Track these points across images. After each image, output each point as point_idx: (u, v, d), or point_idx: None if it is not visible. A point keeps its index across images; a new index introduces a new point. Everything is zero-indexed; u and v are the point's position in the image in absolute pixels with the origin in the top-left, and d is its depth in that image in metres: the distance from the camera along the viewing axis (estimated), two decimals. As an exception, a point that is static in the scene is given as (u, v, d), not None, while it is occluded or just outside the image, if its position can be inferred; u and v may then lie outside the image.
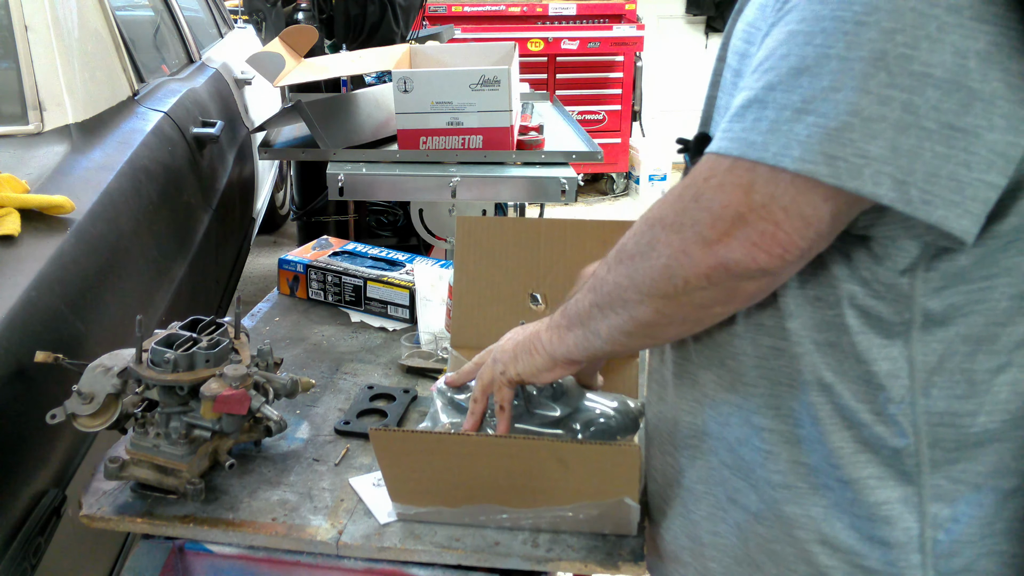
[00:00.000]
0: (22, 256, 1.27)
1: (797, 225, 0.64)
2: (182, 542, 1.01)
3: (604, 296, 0.78)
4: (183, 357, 1.00)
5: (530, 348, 0.90)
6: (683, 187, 0.70)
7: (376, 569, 0.99)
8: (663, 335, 0.80)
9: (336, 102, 2.46)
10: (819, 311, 0.73)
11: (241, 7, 3.68)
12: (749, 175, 0.65)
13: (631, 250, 0.74)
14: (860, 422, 0.73)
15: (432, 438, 0.95)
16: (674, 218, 0.69)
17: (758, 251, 0.65)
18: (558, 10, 5.03)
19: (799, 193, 0.64)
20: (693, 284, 0.69)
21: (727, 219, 0.66)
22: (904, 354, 0.70)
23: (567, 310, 0.86)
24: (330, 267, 1.58)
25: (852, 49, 0.61)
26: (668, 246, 0.69)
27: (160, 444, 1.01)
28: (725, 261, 0.67)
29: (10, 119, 1.65)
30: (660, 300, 0.72)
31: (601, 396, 1.05)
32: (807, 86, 0.62)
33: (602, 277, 0.78)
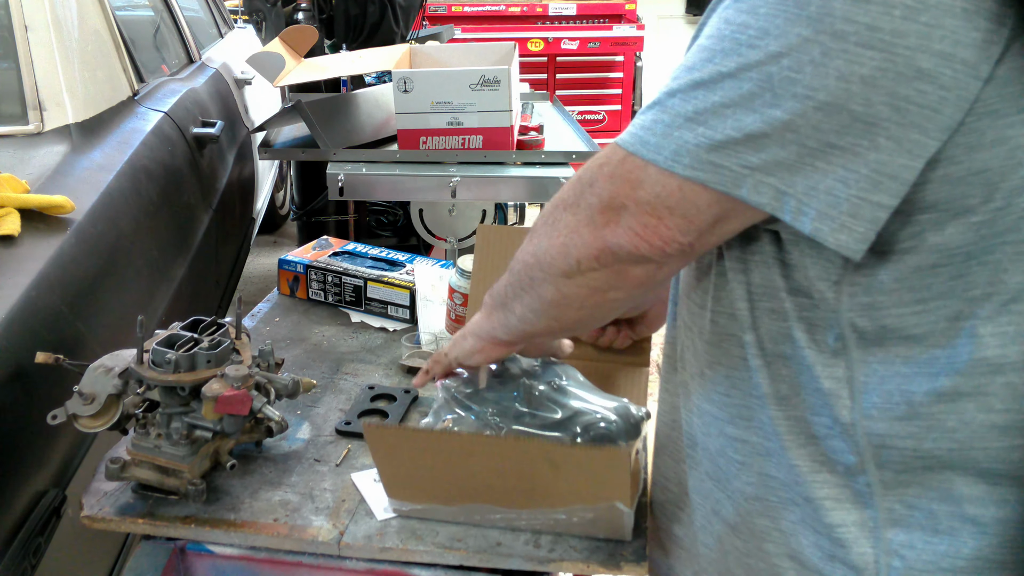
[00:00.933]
0: (22, 256, 1.27)
1: (679, 222, 0.69)
2: (183, 543, 1.01)
3: (516, 275, 0.83)
4: (184, 358, 1.00)
5: (464, 332, 0.95)
6: (583, 170, 0.75)
7: (378, 570, 0.99)
8: (566, 317, 0.82)
9: (336, 102, 2.46)
10: (773, 323, 0.75)
11: (241, 7, 3.68)
12: (639, 172, 0.69)
13: (538, 229, 0.79)
14: (815, 435, 0.74)
15: (424, 435, 0.96)
16: (572, 199, 0.74)
17: (639, 240, 0.70)
18: (558, 10, 5.03)
19: (684, 197, 0.68)
20: (585, 265, 0.74)
21: (614, 208, 0.71)
22: (846, 374, 0.71)
23: (493, 291, 0.90)
24: (330, 267, 1.57)
25: (742, 70, 0.64)
26: (565, 225, 0.75)
27: (161, 445, 1.01)
28: (610, 244, 0.72)
29: (10, 119, 1.65)
30: (560, 279, 0.77)
31: (604, 399, 1.05)
32: (701, 99, 0.66)
33: (517, 257, 0.83)
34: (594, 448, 0.91)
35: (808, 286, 0.71)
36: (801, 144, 0.63)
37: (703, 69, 0.67)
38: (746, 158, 0.65)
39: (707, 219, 0.68)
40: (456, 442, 0.93)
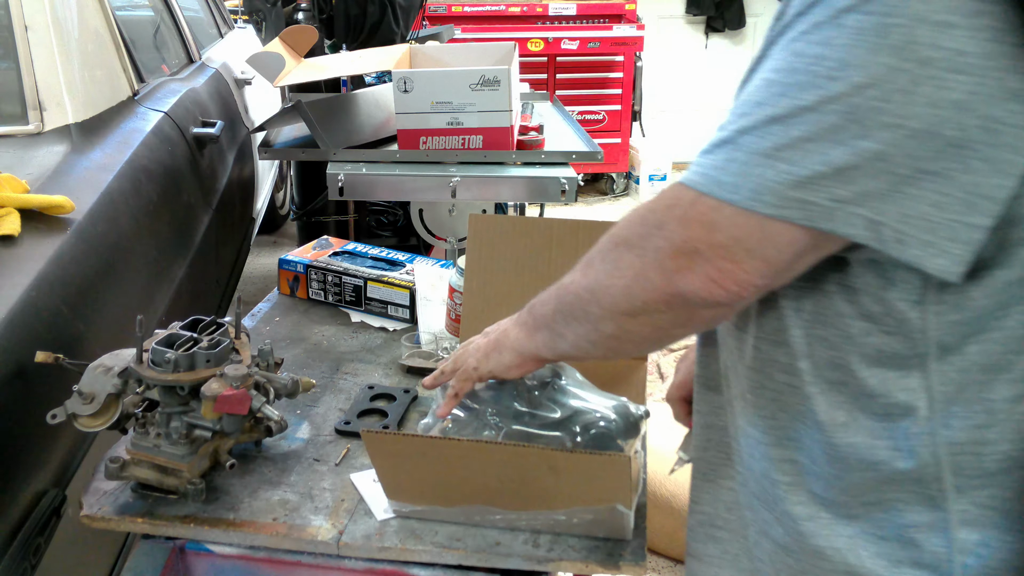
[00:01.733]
0: (22, 256, 1.27)
1: (757, 265, 0.67)
2: (183, 542, 1.01)
3: (567, 305, 0.81)
4: (184, 357, 1.00)
5: (499, 345, 0.93)
6: (648, 210, 0.72)
7: (377, 569, 0.99)
8: (626, 350, 0.81)
9: (336, 102, 2.46)
10: (828, 350, 0.73)
11: (241, 7, 3.68)
12: (714, 214, 0.66)
13: (597, 266, 0.77)
14: (878, 459, 0.73)
15: (423, 442, 0.95)
16: (637, 241, 0.72)
17: (715, 286, 0.68)
18: (558, 10, 5.02)
19: (765, 237, 0.66)
20: (652, 307, 0.72)
21: (686, 253, 0.68)
22: (922, 384, 0.70)
23: (533, 310, 0.88)
24: (330, 267, 1.58)
25: (823, 103, 0.63)
26: (630, 268, 0.72)
27: (161, 444, 1.01)
28: (682, 291, 0.69)
29: (10, 119, 1.65)
30: (622, 317, 0.75)
31: (603, 398, 1.05)
32: (779, 134, 0.64)
33: (566, 285, 0.81)
34: (595, 454, 0.91)
35: (883, 310, 0.70)
36: (892, 173, 0.62)
37: (777, 104, 0.65)
38: (835, 191, 0.63)
39: (787, 258, 0.67)
40: (455, 448, 0.93)
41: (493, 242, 1.23)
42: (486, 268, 1.23)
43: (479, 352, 0.96)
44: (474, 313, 1.24)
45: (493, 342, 0.94)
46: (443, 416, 1.01)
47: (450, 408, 1.00)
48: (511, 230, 1.24)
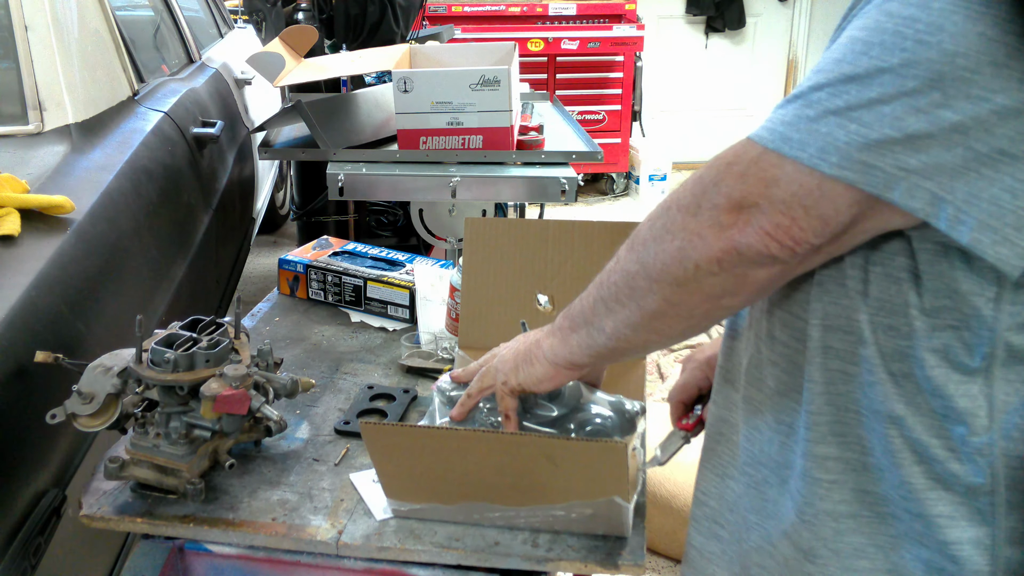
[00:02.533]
0: (22, 256, 1.27)
1: (814, 224, 0.65)
2: (182, 542, 1.01)
3: (610, 288, 0.78)
4: (183, 357, 1.00)
5: (530, 357, 0.90)
6: (705, 170, 0.70)
7: (376, 569, 0.99)
8: (670, 329, 0.77)
9: (336, 102, 2.46)
10: (892, 340, 0.70)
11: (241, 7, 3.68)
12: (775, 170, 0.65)
13: (644, 236, 0.74)
14: (932, 457, 0.70)
15: (421, 432, 0.96)
16: (691, 200, 0.70)
17: (770, 240, 0.66)
18: (558, 10, 5.02)
19: (824, 196, 0.64)
20: (704, 269, 0.69)
21: (744, 207, 0.66)
22: (984, 391, 0.68)
23: (570, 312, 0.85)
24: (330, 267, 1.58)
25: (906, 66, 0.60)
26: (683, 228, 0.70)
27: (160, 444, 1.01)
28: (737, 245, 0.67)
29: (10, 119, 1.65)
30: (670, 287, 0.72)
31: (599, 395, 1.05)
32: (854, 94, 0.62)
33: (609, 270, 0.78)
34: (591, 441, 0.91)
35: (954, 303, 0.67)
36: (969, 148, 0.60)
37: (857, 62, 0.62)
38: (903, 159, 0.61)
39: (844, 220, 0.65)
40: (453, 439, 0.93)
41: (489, 245, 1.24)
42: (483, 271, 1.24)
43: (507, 365, 0.93)
44: (472, 315, 1.24)
45: (523, 354, 0.91)
46: (457, 419, 0.99)
47: (465, 412, 0.98)
48: (507, 232, 1.24)
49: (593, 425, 1.00)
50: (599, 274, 0.80)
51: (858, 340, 0.72)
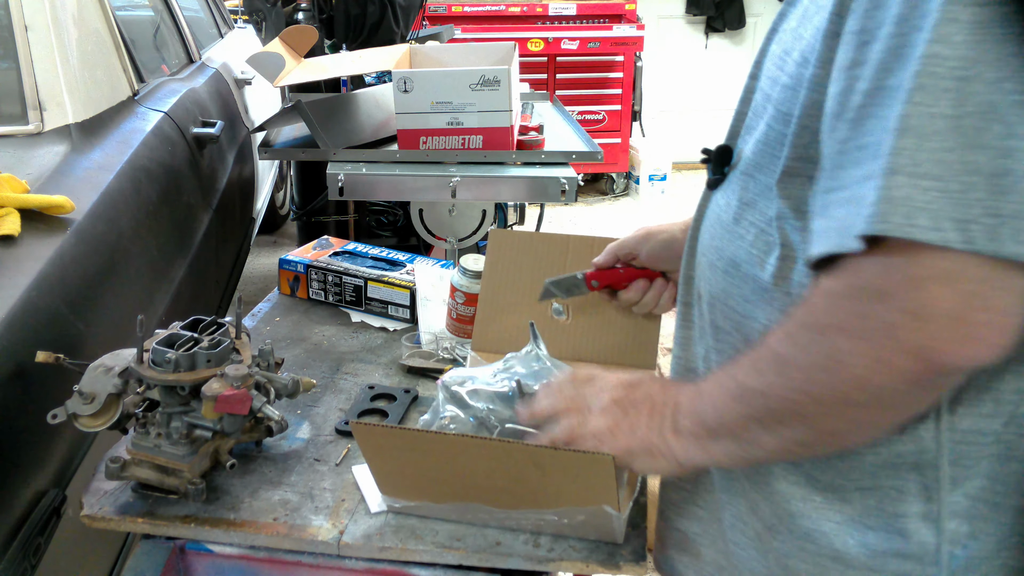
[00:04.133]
0: (22, 256, 1.27)
1: (1012, 299, 0.59)
2: (183, 542, 1.01)
3: (764, 410, 0.71)
4: (184, 357, 1.00)
5: (651, 450, 0.81)
6: (851, 286, 0.63)
7: (377, 569, 0.99)
8: (851, 442, 0.73)
9: (336, 102, 2.46)
10: None
11: (241, 7, 3.68)
12: (942, 263, 0.58)
13: (799, 362, 0.67)
14: (880, 439, 0.71)
15: (411, 435, 0.96)
16: (854, 323, 0.63)
17: (976, 346, 0.59)
18: (558, 10, 5.02)
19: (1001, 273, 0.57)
20: (893, 390, 0.63)
21: (937, 320, 0.59)
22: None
23: (702, 418, 0.77)
24: (331, 267, 1.58)
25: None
26: (861, 356, 0.63)
27: (161, 444, 1.01)
28: (935, 365, 0.60)
29: (10, 119, 1.65)
30: (852, 409, 0.67)
31: None
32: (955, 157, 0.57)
33: (751, 387, 0.72)
34: (579, 452, 0.90)
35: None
36: None
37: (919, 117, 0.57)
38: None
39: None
40: (443, 443, 0.93)
41: (510, 255, 1.27)
42: (502, 278, 1.27)
43: (602, 432, 0.84)
44: (488, 319, 1.26)
45: (640, 442, 0.82)
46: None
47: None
48: (528, 244, 1.28)
49: None
50: (728, 381, 0.75)
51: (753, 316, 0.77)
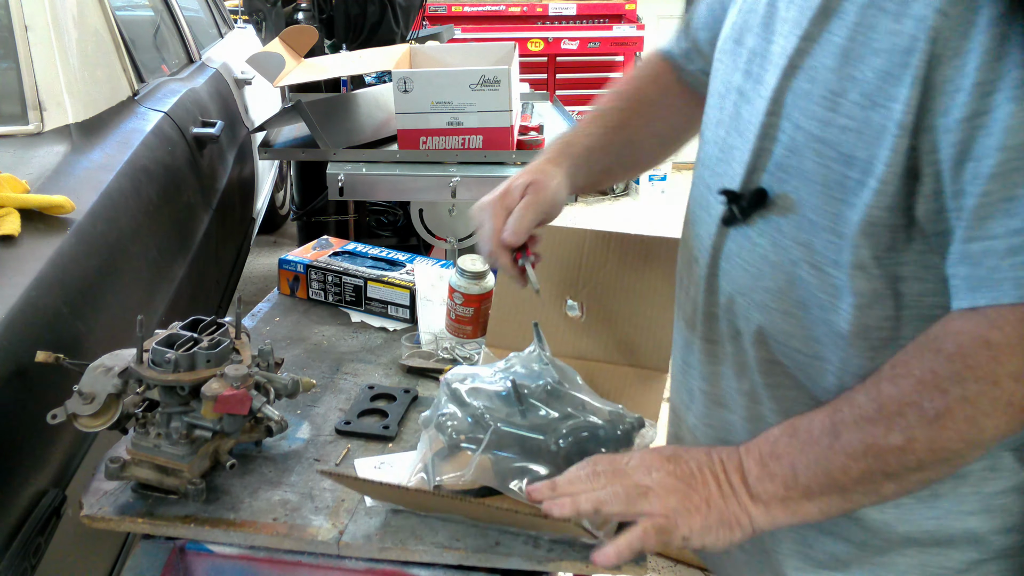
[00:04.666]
0: (22, 256, 1.27)
1: None
2: (183, 542, 1.01)
3: (901, 465, 0.71)
4: (184, 357, 1.00)
5: (728, 523, 0.78)
6: (976, 341, 0.67)
7: (377, 569, 0.99)
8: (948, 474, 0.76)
9: (336, 102, 2.46)
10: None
11: (241, 7, 3.68)
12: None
13: (960, 414, 0.68)
14: None
15: (387, 490, 0.97)
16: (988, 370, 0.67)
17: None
18: (558, 10, 5.02)
19: None
20: (1001, 437, 0.69)
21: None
22: None
23: (791, 479, 0.75)
24: (330, 267, 1.58)
25: None
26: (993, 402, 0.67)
27: (161, 444, 1.01)
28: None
29: (10, 119, 1.65)
30: (960, 458, 0.71)
31: (599, 404, 1.04)
32: None
33: (887, 445, 0.71)
34: (566, 523, 0.88)
35: None
36: None
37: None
38: None
39: None
40: (421, 499, 0.95)
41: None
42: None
43: (691, 521, 0.78)
44: (502, 316, 1.26)
45: (717, 516, 0.78)
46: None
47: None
48: (545, 239, 1.25)
49: (579, 436, 0.99)
50: (814, 434, 0.75)
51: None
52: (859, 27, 0.71)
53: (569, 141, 1.07)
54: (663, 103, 1.09)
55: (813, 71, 0.75)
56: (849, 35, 0.71)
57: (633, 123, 1.08)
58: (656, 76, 1.10)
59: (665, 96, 1.10)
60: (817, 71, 0.74)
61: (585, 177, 1.06)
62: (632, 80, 1.11)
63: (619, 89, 1.11)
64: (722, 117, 0.88)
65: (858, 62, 0.71)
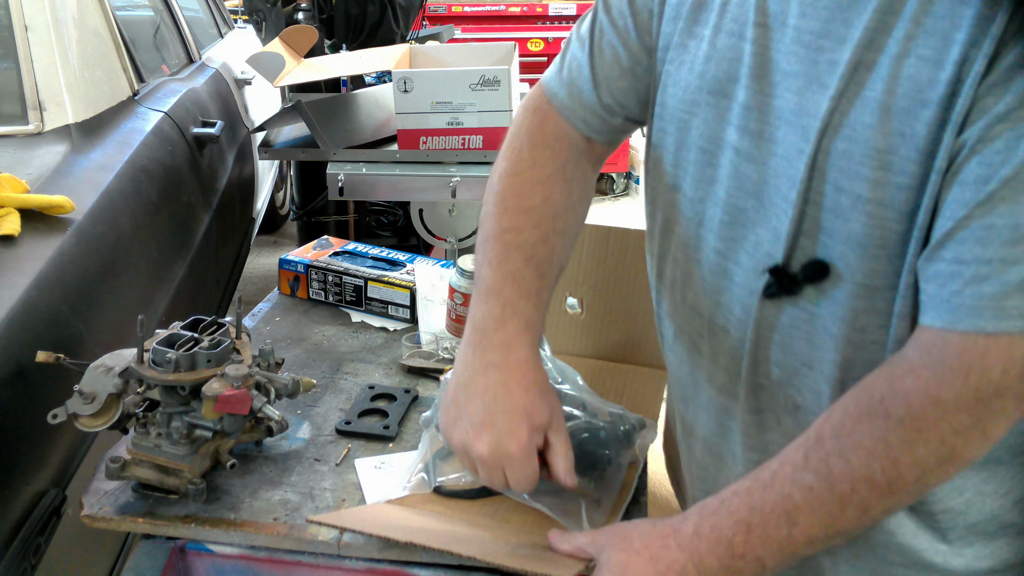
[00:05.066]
0: (22, 256, 1.27)
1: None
2: (183, 542, 1.00)
3: (842, 531, 0.73)
4: (184, 357, 1.00)
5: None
6: (926, 401, 0.67)
7: (377, 569, 0.98)
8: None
9: (336, 102, 2.46)
10: None
11: (241, 7, 3.68)
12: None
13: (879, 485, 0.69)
14: None
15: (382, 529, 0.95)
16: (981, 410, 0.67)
17: None
18: (558, 10, 5.03)
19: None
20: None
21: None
22: None
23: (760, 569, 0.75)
24: (331, 267, 1.57)
25: None
26: (976, 436, 0.68)
27: (162, 444, 1.01)
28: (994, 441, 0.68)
29: (10, 119, 1.65)
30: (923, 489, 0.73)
31: (601, 405, 1.04)
32: None
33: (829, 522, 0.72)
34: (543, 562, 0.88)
35: None
36: None
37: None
38: None
39: None
40: (410, 546, 0.93)
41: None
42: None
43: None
44: None
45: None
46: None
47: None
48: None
49: (580, 438, 0.99)
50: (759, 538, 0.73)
51: None
52: (897, 79, 0.67)
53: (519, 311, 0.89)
54: (580, 197, 0.99)
55: (851, 130, 0.70)
56: (887, 88, 0.68)
57: (558, 246, 0.94)
58: (567, 162, 0.96)
59: (583, 186, 0.99)
60: (856, 130, 0.70)
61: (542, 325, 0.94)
62: (544, 183, 0.94)
63: (532, 205, 0.93)
64: (714, 175, 0.82)
65: (905, 116, 0.67)
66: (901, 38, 0.67)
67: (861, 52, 0.69)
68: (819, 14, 0.72)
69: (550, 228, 0.92)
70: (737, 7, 0.79)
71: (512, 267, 0.89)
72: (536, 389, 0.86)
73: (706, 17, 0.82)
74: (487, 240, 0.92)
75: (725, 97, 0.80)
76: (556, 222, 0.93)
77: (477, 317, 0.89)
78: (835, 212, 0.72)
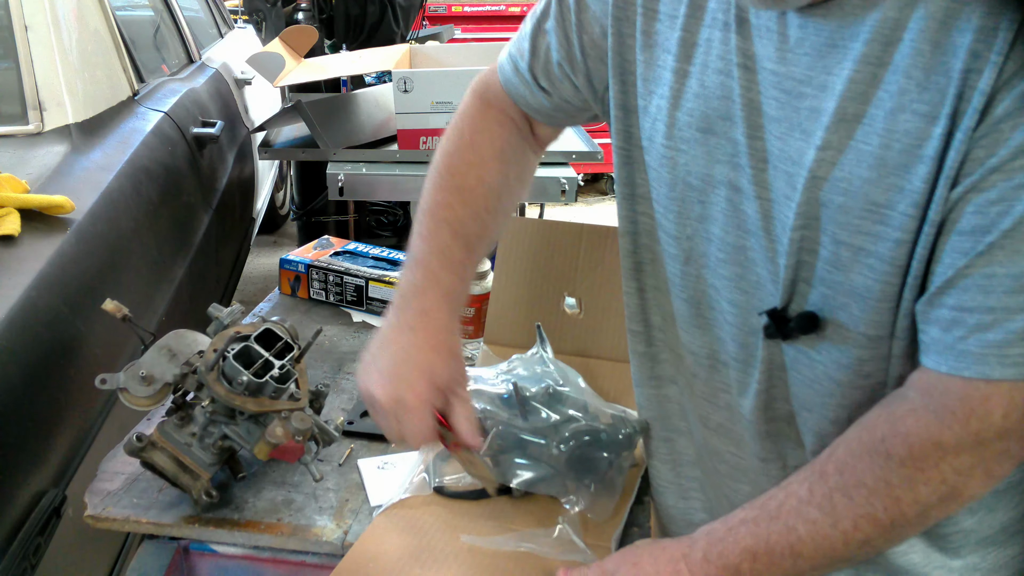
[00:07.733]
0: (22, 256, 1.26)
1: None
2: (187, 542, 1.00)
3: (844, 561, 0.74)
4: (255, 384, 0.96)
5: None
6: (928, 444, 0.67)
7: (380, 569, 0.98)
8: None
9: (336, 102, 2.46)
10: None
11: (241, 7, 3.68)
12: None
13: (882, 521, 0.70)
14: None
15: None
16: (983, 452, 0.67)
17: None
18: (557, 10, 5.02)
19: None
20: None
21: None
22: None
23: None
24: (331, 267, 1.57)
25: None
26: (980, 476, 0.68)
27: (192, 444, 0.99)
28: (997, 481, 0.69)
29: (10, 119, 1.65)
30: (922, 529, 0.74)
31: (602, 407, 1.04)
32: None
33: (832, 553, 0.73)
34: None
35: None
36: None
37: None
38: None
39: None
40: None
41: (523, 244, 1.24)
42: (515, 269, 1.24)
43: None
44: (500, 313, 1.25)
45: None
46: None
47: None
48: (541, 233, 1.24)
49: (581, 440, 0.99)
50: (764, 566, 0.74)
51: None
52: (892, 134, 0.65)
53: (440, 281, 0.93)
54: (517, 178, 1.02)
55: (846, 183, 0.68)
56: (882, 143, 0.66)
57: (490, 223, 0.98)
58: (505, 145, 0.99)
59: (520, 168, 1.02)
60: (851, 183, 0.68)
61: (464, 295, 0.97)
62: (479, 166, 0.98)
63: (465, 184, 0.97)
64: (704, 212, 0.81)
65: (903, 171, 0.66)
66: (895, 92, 0.65)
67: (848, 103, 0.67)
68: (799, 60, 0.70)
69: (482, 206, 0.97)
70: (721, 44, 0.77)
71: (440, 241, 0.94)
72: (445, 351, 0.90)
73: (686, 52, 0.80)
74: (422, 213, 0.98)
75: (713, 135, 0.78)
76: (489, 201, 0.97)
77: (403, 284, 0.94)
78: (835, 264, 0.71)
